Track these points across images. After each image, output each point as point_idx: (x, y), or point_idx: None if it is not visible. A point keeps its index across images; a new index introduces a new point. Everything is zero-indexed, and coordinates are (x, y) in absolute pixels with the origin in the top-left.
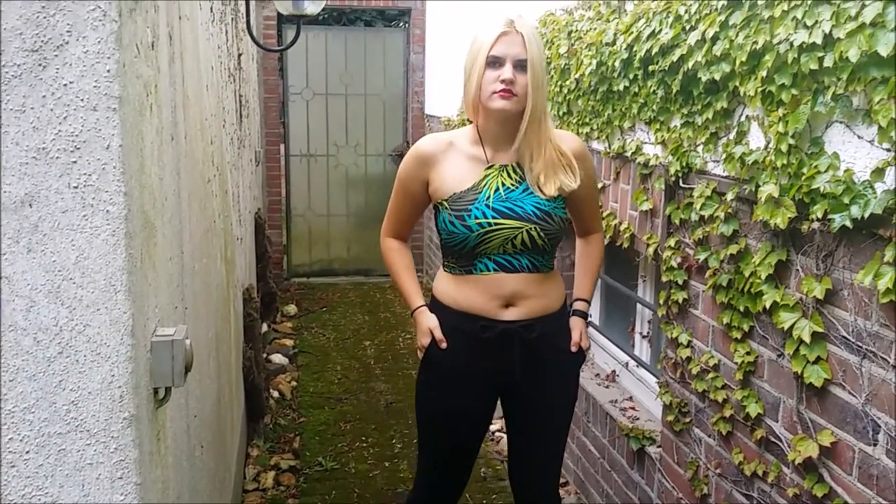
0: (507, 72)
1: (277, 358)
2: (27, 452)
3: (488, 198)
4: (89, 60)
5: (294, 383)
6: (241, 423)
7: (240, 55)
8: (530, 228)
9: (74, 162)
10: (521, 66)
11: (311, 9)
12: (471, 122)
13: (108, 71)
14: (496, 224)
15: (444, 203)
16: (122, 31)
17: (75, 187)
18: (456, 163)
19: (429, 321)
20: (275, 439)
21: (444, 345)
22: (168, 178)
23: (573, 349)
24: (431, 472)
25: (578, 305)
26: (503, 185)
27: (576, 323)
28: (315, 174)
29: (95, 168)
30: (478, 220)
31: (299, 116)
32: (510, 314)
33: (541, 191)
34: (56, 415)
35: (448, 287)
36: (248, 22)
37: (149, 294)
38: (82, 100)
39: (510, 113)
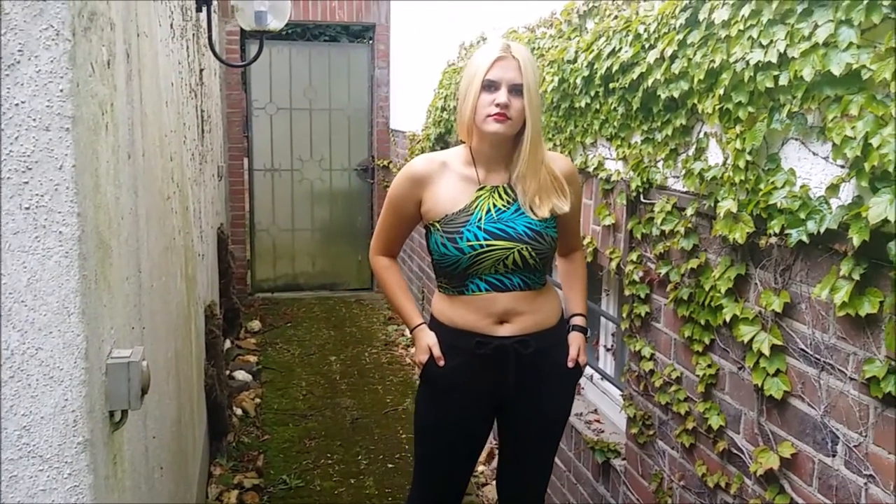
0: (501, 96)
1: (241, 375)
2: None
3: (480, 219)
4: (42, 80)
5: (258, 400)
6: (204, 441)
7: (202, 70)
8: (521, 249)
9: (26, 182)
10: (516, 90)
11: (274, 24)
12: (463, 143)
13: (62, 90)
14: (488, 245)
15: (437, 225)
16: (76, 50)
17: (27, 208)
18: (449, 183)
19: (427, 339)
20: (238, 457)
21: (441, 362)
22: (125, 196)
23: (570, 364)
24: (428, 485)
25: (577, 321)
26: (494, 206)
27: (574, 338)
28: (279, 188)
29: (48, 189)
30: (469, 243)
31: (263, 131)
32: (505, 330)
33: (533, 212)
34: (7, 440)
35: (443, 306)
36: (209, 38)
37: (104, 316)
38: (34, 119)
39: (503, 136)
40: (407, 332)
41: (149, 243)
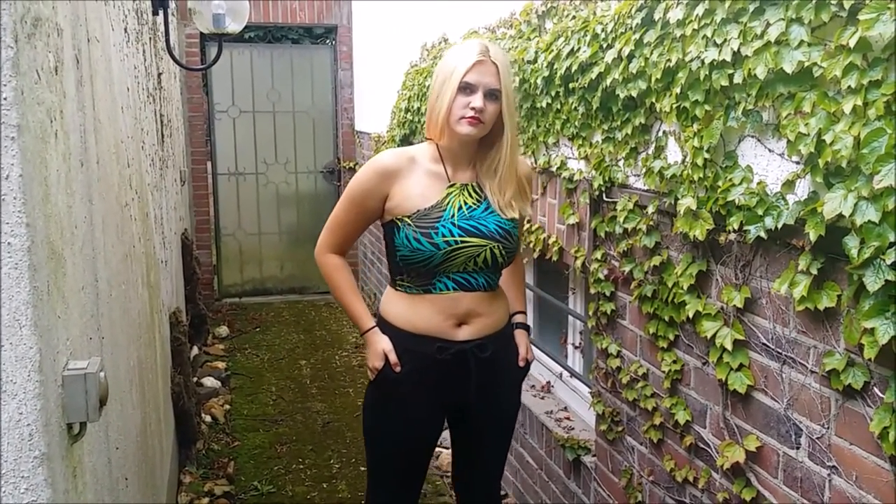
0: (477, 100)
1: (209, 381)
2: None
3: (453, 215)
4: None
5: (227, 406)
6: (172, 450)
7: (160, 74)
8: (493, 247)
9: None
10: (491, 95)
11: (233, 27)
12: (428, 140)
13: (6, 99)
14: (462, 242)
15: (407, 219)
16: (20, 57)
17: None
18: (418, 179)
19: (383, 343)
20: (208, 465)
21: (398, 368)
22: (78, 205)
23: (521, 364)
24: (384, 493)
25: (519, 318)
26: (465, 203)
27: (521, 337)
28: (244, 192)
29: None
30: (445, 238)
31: (226, 134)
32: (464, 333)
33: (503, 212)
34: None
35: (401, 308)
36: (167, 41)
37: (58, 327)
38: None
39: (474, 138)
40: None
41: (106, 252)
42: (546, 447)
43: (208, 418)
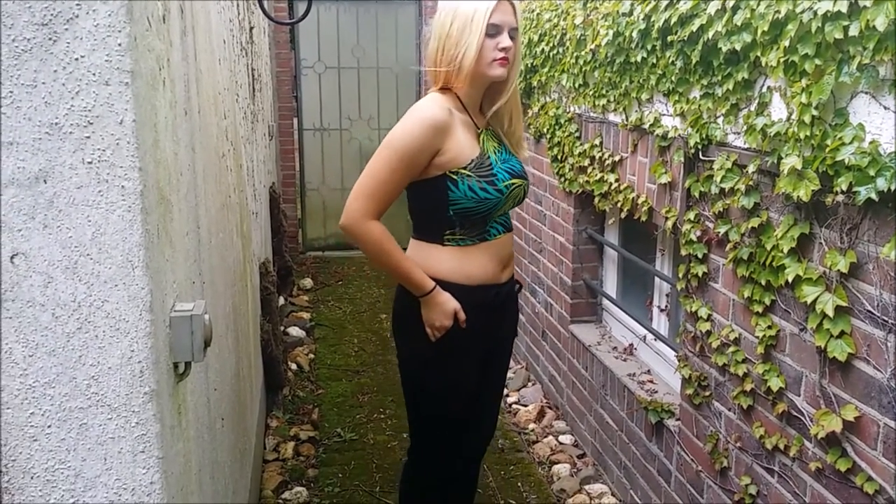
0: (505, 40)
1: (294, 331)
2: (49, 427)
3: (496, 161)
4: (100, 34)
5: (311, 356)
6: (261, 394)
7: (251, 29)
8: (525, 185)
9: (88, 137)
10: (512, 32)
11: None
12: (442, 90)
13: (120, 45)
14: (512, 184)
15: (464, 171)
16: (133, 4)
17: (89, 163)
18: (461, 130)
19: (452, 302)
20: (294, 410)
21: (465, 324)
22: (183, 153)
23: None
24: (436, 450)
25: None
26: (494, 148)
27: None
28: (329, 148)
29: (109, 143)
30: (504, 183)
31: (312, 90)
32: (505, 275)
33: (517, 152)
34: (77, 390)
35: (454, 262)
36: None
37: (166, 269)
38: (94, 74)
39: (502, 79)
40: None
41: (206, 200)
42: (627, 409)
43: (294, 366)
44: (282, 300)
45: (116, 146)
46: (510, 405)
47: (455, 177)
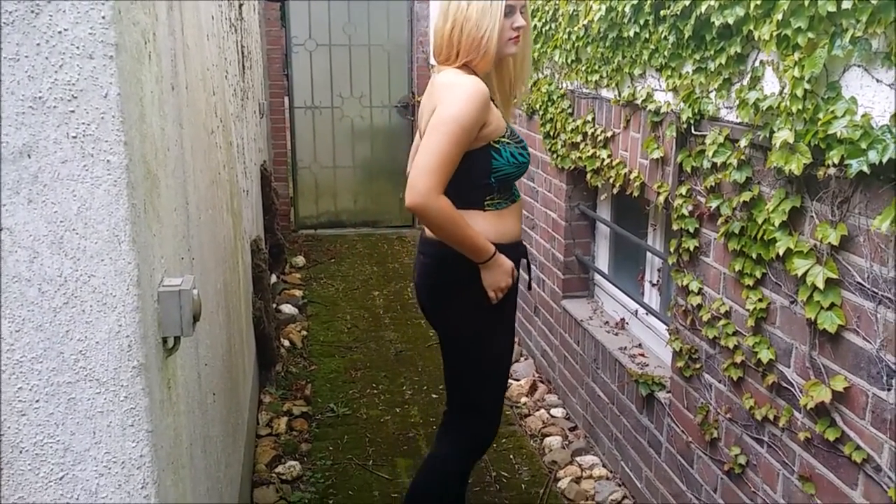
0: (520, 19)
1: (287, 308)
2: (37, 401)
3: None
4: (83, 7)
5: (304, 332)
6: (253, 371)
7: (241, 5)
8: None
9: (72, 111)
10: (523, 10)
11: None
12: (459, 67)
13: (104, 17)
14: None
15: (505, 139)
16: None
17: (74, 137)
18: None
19: (508, 261)
20: (287, 386)
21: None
22: (170, 128)
23: None
24: (498, 402)
25: None
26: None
27: None
28: (320, 126)
29: (94, 117)
30: (528, 149)
31: (303, 68)
32: (520, 232)
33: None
34: (64, 364)
35: (495, 225)
36: None
37: (153, 244)
38: (78, 47)
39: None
40: None
41: (195, 176)
42: (619, 382)
43: (287, 343)
44: (274, 278)
45: (101, 120)
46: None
47: (497, 145)
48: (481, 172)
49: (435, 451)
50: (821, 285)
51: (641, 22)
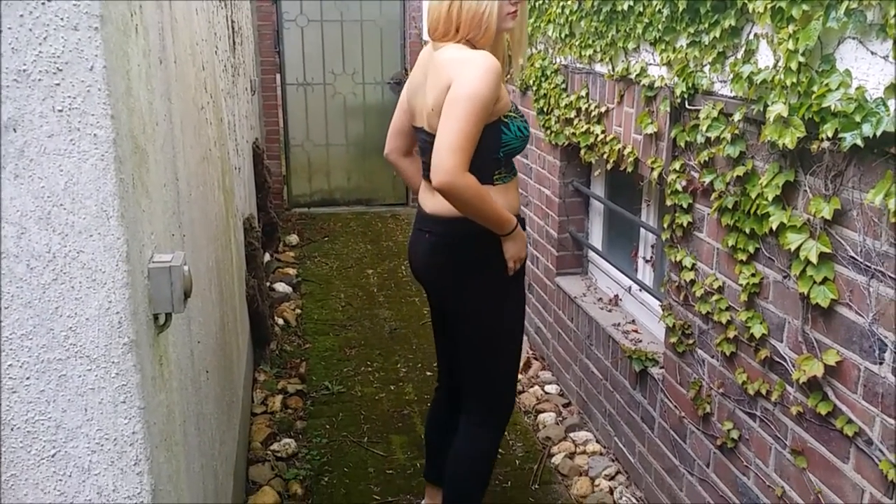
0: None
1: (281, 286)
2: (27, 378)
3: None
4: None
5: (298, 311)
6: (247, 349)
7: None
8: None
9: (58, 84)
10: None
11: None
12: (461, 43)
13: None
14: None
15: (512, 114)
16: None
17: (60, 111)
18: None
19: (523, 233)
20: (281, 365)
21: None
22: (158, 102)
23: None
24: (514, 373)
25: None
26: None
27: None
28: (312, 103)
29: (80, 91)
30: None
31: (294, 44)
32: None
33: None
34: (54, 341)
35: (503, 198)
36: None
37: (143, 220)
38: (62, 19)
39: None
40: None
41: (185, 152)
42: (612, 358)
43: (281, 321)
44: (267, 256)
45: (87, 93)
46: None
47: (506, 120)
48: (493, 147)
49: (461, 437)
50: (814, 260)
51: None
